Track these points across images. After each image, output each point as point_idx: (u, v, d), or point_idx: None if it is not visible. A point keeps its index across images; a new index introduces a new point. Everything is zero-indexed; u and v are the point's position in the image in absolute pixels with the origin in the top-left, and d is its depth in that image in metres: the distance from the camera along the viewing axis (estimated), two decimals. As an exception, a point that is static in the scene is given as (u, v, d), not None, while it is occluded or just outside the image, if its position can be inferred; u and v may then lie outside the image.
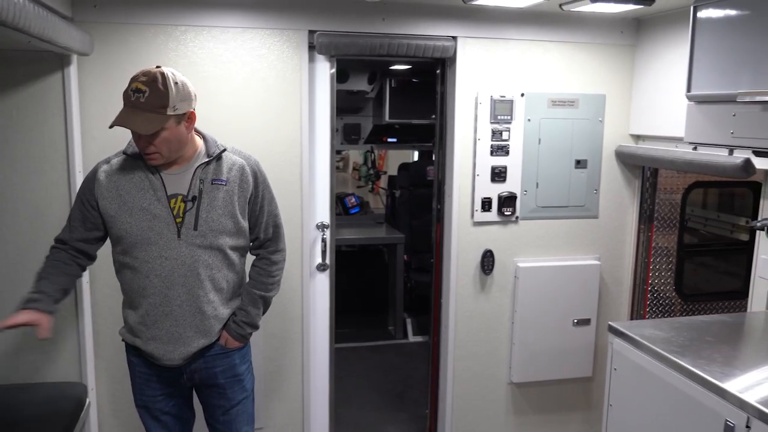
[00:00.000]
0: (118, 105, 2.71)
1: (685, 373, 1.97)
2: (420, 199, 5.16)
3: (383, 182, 6.66)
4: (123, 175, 2.10)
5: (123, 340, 2.23)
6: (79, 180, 2.66)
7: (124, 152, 2.13)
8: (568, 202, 3.22)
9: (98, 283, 2.75)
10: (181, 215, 2.08)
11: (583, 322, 3.26)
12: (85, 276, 2.71)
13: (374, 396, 4.07)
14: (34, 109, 2.62)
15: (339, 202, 5.52)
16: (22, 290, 2.62)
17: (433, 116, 3.34)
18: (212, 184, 2.10)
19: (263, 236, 2.25)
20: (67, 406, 2.54)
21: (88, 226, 2.15)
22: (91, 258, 2.24)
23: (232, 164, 2.15)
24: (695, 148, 2.65)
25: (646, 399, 2.19)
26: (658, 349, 2.11)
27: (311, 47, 2.88)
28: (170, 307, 2.09)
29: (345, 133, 5.32)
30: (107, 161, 2.15)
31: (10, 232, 2.67)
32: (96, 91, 2.69)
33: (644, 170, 3.29)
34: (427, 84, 3.85)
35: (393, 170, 6.37)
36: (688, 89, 2.29)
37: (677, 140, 2.76)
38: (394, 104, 4.99)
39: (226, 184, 2.12)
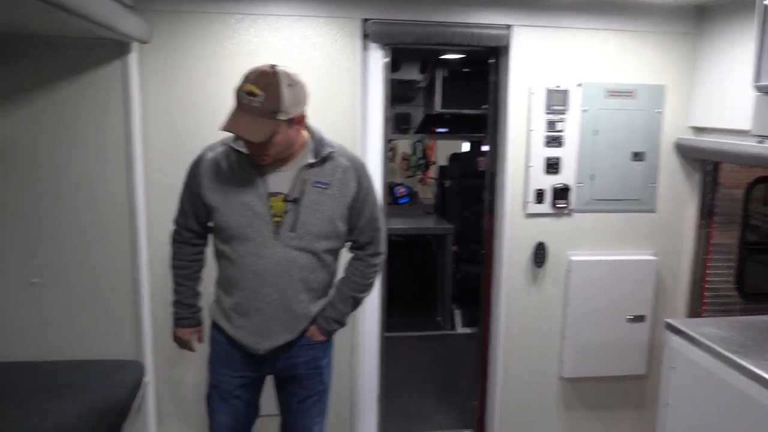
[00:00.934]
0: (176, 93, 2.79)
1: (748, 374, 1.91)
2: (470, 189, 5.12)
3: (432, 172, 6.64)
4: (227, 166, 2.09)
5: (212, 318, 2.26)
6: (137, 167, 2.74)
7: (228, 143, 2.10)
8: (625, 196, 3.14)
9: (157, 263, 2.80)
10: (280, 215, 2.06)
11: (638, 318, 3.18)
12: (144, 255, 2.79)
13: (422, 385, 4.07)
14: (93, 96, 2.69)
15: (388, 191, 5.52)
16: (79, 272, 2.73)
17: (485, 106, 3.30)
18: (314, 186, 2.07)
19: (362, 239, 2.21)
20: (124, 385, 2.61)
21: (199, 214, 2.18)
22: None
23: (336, 166, 2.10)
24: (761, 142, 2.54)
25: (705, 399, 2.13)
26: (718, 348, 2.05)
27: (365, 36, 2.88)
28: (261, 303, 2.11)
29: (395, 123, 5.31)
30: (212, 148, 2.13)
31: (68, 219, 2.76)
32: (154, 78, 2.75)
33: (705, 164, 3.18)
34: (479, 73, 3.80)
35: (441, 160, 6.34)
36: (756, 79, 2.20)
37: (742, 133, 2.65)
38: (445, 94, 4.95)
39: (328, 188, 2.08)
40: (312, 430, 2.34)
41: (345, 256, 2.28)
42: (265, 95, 1.90)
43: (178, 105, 2.79)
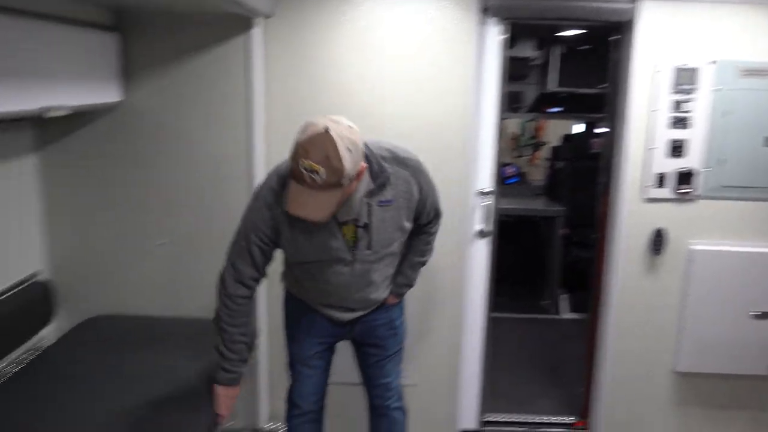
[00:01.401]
0: (295, 66, 2.83)
1: None
2: (583, 171, 4.93)
3: (542, 153, 6.45)
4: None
5: (289, 290, 2.37)
6: (257, 137, 2.85)
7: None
8: (756, 183, 2.92)
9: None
10: (352, 238, 2.10)
11: (764, 315, 2.97)
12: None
13: (527, 368, 4.03)
14: (218, 69, 2.82)
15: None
16: (201, 235, 2.85)
17: (604, 85, 3.16)
18: (379, 205, 2.07)
19: (425, 220, 2.27)
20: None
21: (268, 255, 2.13)
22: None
23: (396, 180, 2.08)
24: None
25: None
26: None
27: (483, 10, 2.83)
28: (340, 300, 2.26)
29: (507, 101, 5.20)
30: (274, 190, 2.04)
31: (191, 185, 2.93)
32: (276, 51, 2.84)
33: None
34: (598, 51, 3.64)
35: (552, 141, 6.14)
36: None
37: None
38: (561, 72, 4.79)
39: (393, 202, 2.10)
40: (393, 385, 2.46)
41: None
42: (326, 170, 1.77)
43: (298, 78, 2.88)
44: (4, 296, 2.66)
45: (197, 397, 2.30)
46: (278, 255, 2.19)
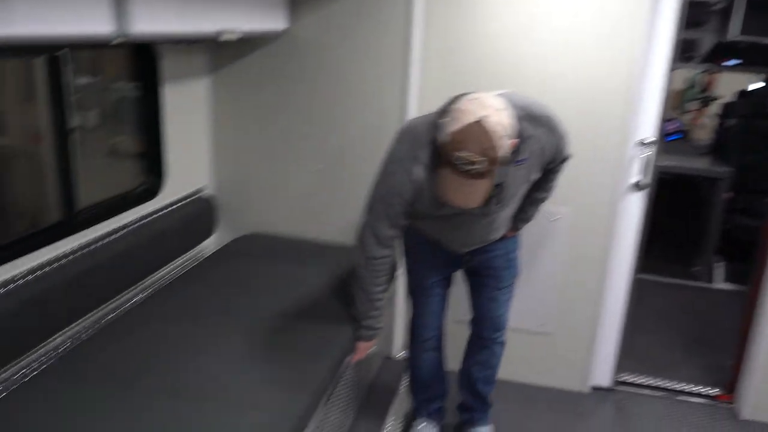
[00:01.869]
0: (456, 12, 2.77)
1: None
2: (758, 131, 4.50)
3: (710, 109, 5.91)
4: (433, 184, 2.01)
5: (411, 225, 2.37)
6: (413, 78, 2.86)
7: (431, 166, 1.99)
8: None
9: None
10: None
11: None
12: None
13: (669, 334, 3.82)
14: (379, 6, 2.83)
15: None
16: (355, 162, 2.92)
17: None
18: (514, 165, 2.03)
19: (552, 166, 2.22)
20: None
21: (406, 215, 2.12)
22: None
23: (530, 139, 2.01)
24: None
25: None
26: None
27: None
28: (460, 241, 2.31)
29: (679, 50, 4.79)
30: (415, 158, 1.98)
31: (347, 115, 3.00)
32: (438, 7, 2.81)
33: None
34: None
35: (723, 96, 5.60)
36: None
37: None
38: (747, 18, 4.30)
39: (528, 159, 2.05)
40: (503, 319, 2.50)
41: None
42: (483, 160, 1.74)
43: (456, 22, 2.82)
44: (175, 207, 2.92)
45: (338, 317, 2.42)
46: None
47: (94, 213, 2.48)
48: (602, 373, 3.14)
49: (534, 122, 2.01)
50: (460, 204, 1.86)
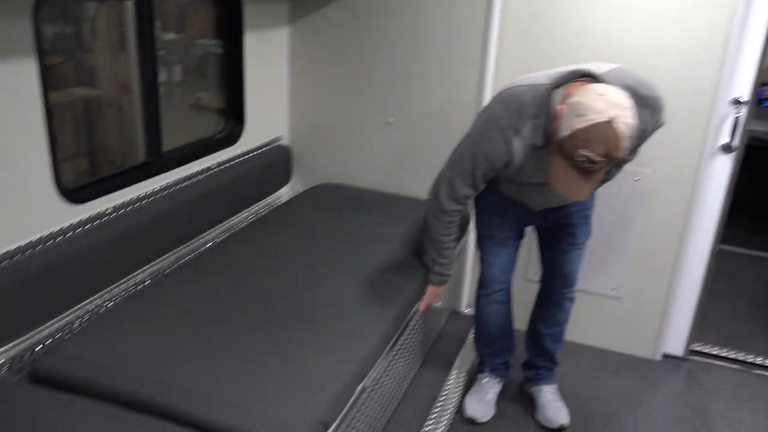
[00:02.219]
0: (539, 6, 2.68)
1: None
2: None
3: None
4: (534, 158, 1.99)
5: None
6: (492, 40, 2.80)
7: (533, 142, 1.95)
8: None
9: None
10: None
11: None
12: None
13: (748, 307, 3.67)
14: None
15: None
16: (426, 116, 2.90)
17: None
18: None
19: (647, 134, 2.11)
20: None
21: (488, 179, 2.12)
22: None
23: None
24: None
25: None
26: None
27: None
28: (538, 203, 2.27)
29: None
30: (516, 130, 1.93)
31: (422, 69, 2.98)
32: None
33: None
34: None
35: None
36: None
37: None
38: None
39: None
40: (575, 275, 2.44)
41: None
42: (604, 161, 1.71)
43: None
44: (253, 154, 3.00)
45: (407, 266, 2.45)
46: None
47: (177, 156, 2.59)
48: (675, 342, 3.05)
49: (641, 104, 1.90)
50: (567, 196, 1.83)
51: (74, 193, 2.08)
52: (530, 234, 2.54)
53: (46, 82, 1.86)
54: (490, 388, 2.66)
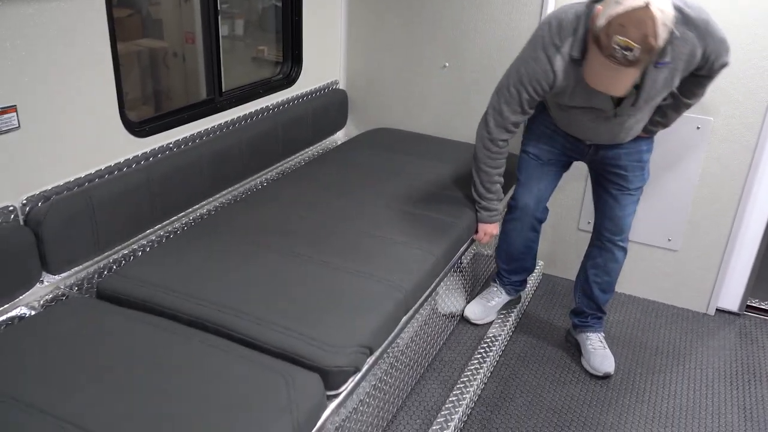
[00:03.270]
0: None
1: None
2: None
3: None
4: (574, 74, 1.99)
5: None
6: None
7: (570, 54, 1.96)
8: None
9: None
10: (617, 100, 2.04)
11: None
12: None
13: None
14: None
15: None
16: (481, 62, 2.90)
17: None
18: (655, 67, 1.93)
19: (706, 72, 2.05)
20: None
21: (536, 103, 2.15)
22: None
23: (678, 41, 1.88)
24: None
25: None
26: None
27: None
28: (588, 136, 2.26)
29: None
30: (557, 47, 1.97)
31: (478, 26, 2.96)
32: None
33: None
34: None
35: None
36: None
37: None
38: None
39: (671, 63, 1.93)
40: (625, 222, 2.40)
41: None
42: (641, 48, 1.69)
43: None
44: (310, 97, 3.06)
45: (457, 205, 2.48)
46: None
47: (236, 95, 2.67)
48: (730, 297, 2.99)
49: (687, 24, 1.89)
50: (603, 89, 1.86)
51: (138, 127, 2.18)
52: (586, 179, 2.51)
53: (114, 33, 1.97)
54: (496, 297, 2.75)
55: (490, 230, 2.46)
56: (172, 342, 1.65)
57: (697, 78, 2.09)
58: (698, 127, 2.72)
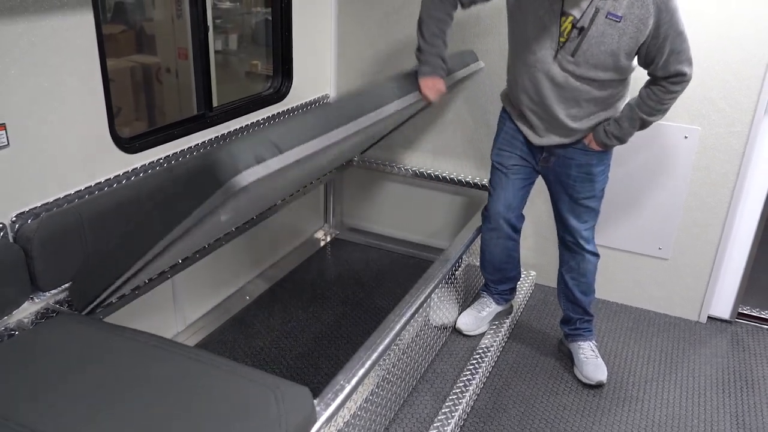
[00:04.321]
0: None
1: None
2: None
3: None
4: None
5: (503, 102, 2.48)
6: None
7: None
8: None
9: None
10: (565, 36, 2.08)
11: None
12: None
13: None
14: None
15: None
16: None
17: None
18: (606, 17, 1.99)
19: (661, 73, 2.08)
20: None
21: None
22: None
23: (638, 4, 1.96)
24: None
25: None
26: None
27: None
28: (538, 113, 2.28)
29: None
30: None
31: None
32: None
33: None
34: None
35: None
36: None
37: None
38: None
39: (620, 21, 1.98)
40: (581, 232, 2.44)
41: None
42: None
43: None
44: (303, 110, 3.07)
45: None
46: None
47: (227, 110, 2.68)
48: (722, 304, 3.00)
49: None
50: None
51: (128, 143, 2.19)
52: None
53: (103, 50, 1.99)
54: (486, 307, 2.76)
55: (431, 84, 2.25)
56: (160, 357, 1.65)
57: (654, 85, 2.11)
58: (686, 137, 2.75)
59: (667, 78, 2.08)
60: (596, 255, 2.51)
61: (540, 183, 2.51)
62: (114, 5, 3.68)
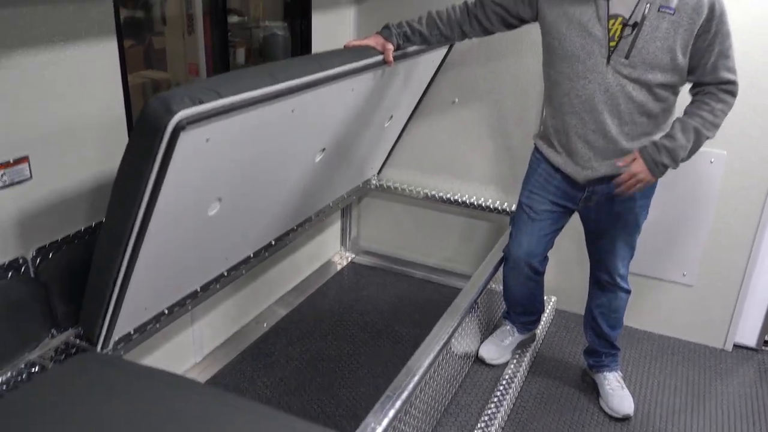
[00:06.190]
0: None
1: None
2: None
3: None
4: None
5: (535, 142, 2.36)
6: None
7: None
8: None
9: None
10: (616, 39, 1.97)
11: None
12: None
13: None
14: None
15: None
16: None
17: None
18: (659, 11, 1.92)
19: (709, 78, 1.99)
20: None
21: (511, 10, 2.17)
22: (476, 33, 2.28)
23: None
24: None
25: None
26: None
27: None
28: (585, 131, 2.11)
29: None
30: None
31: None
32: None
33: None
34: None
35: None
36: None
37: None
38: None
39: (673, 14, 1.91)
40: (619, 270, 2.36)
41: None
42: None
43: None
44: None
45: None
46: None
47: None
48: (748, 332, 2.94)
49: None
50: None
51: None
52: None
53: (126, 79, 1.96)
54: (509, 335, 2.69)
55: (382, 41, 2.23)
56: (184, 398, 1.59)
57: (702, 94, 2.03)
58: (712, 161, 2.70)
59: (717, 84, 2.00)
60: (629, 292, 2.43)
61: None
62: (123, 20, 3.65)
